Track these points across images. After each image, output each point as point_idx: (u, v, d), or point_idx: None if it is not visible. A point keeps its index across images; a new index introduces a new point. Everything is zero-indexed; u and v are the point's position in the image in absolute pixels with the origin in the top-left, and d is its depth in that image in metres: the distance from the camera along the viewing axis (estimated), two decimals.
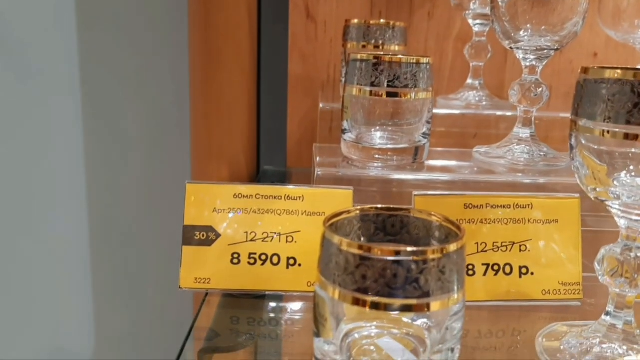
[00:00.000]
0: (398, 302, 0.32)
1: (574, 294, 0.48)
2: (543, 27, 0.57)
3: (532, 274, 0.48)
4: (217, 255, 0.47)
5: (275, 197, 0.48)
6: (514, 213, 0.48)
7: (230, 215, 0.48)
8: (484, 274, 0.47)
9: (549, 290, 0.48)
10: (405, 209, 0.36)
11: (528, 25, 0.57)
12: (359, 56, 0.55)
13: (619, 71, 0.34)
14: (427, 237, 0.36)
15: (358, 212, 0.36)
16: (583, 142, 0.37)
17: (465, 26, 0.83)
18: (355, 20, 0.75)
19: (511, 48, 0.59)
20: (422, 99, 0.55)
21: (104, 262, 0.93)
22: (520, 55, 0.59)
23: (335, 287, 0.33)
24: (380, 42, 0.75)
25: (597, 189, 0.37)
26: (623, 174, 0.37)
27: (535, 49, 0.57)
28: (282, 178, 0.86)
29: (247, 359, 0.42)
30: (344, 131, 0.58)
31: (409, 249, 0.31)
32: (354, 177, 0.53)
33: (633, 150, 0.36)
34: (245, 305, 0.48)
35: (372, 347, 0.36)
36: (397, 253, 0.31)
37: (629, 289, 0.38)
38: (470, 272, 0.47)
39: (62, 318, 0.93)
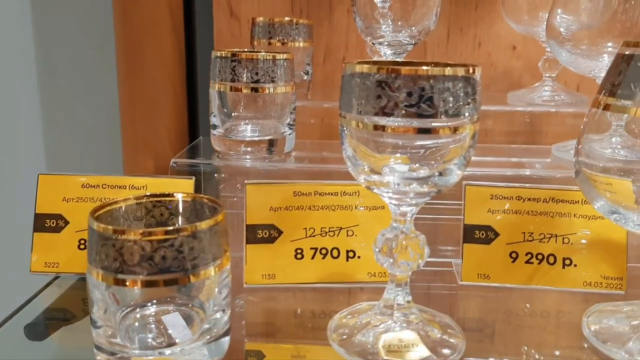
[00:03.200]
0: (156, 278, 0.35)
1: None
2: (400, 23, 0.59)
3: (359, 257, 0.51)
4: (66, 241, 0.51)
5: (120, 187, 0.52)
6: (341, 200, 0.51)
7: (78, 204, 0.52)
8: (312, 258, 0.50)
9: (374, 273, 0.51)
10: (171, 195, 0.39)
11: (389, 21, 0.60)
12: (218, 53, 0.58)
13: (365, 65, 0.37)
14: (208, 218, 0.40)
15: (132, 200, 0.39)
16: (349, 133, 0.40)
17: None
18: (261, 18, 0.78)
19: (373, 44, 0.61)
20: (282, 93, 0.58)
21: None
22: (381, 50, 0.61)
23: (99, 271, 0.36)
24: (285, 39, 0.78)
25: (367, 178, 0.40)
26: (392, 161, 0.40)
27: (393, 44, 0.60)
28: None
29: (76, 335, 0.46)
30: (212, 126, 0.61)
31: (164, 228, 0.35)
32: (209, 168, 0.56)
33: (392, 139, 0.38)
34: None
35: (152, 325, 0.39)
36: (148, 234, 0.35)
37: (396, 268, 0.40)
38: (299, 256, 0.50)
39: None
